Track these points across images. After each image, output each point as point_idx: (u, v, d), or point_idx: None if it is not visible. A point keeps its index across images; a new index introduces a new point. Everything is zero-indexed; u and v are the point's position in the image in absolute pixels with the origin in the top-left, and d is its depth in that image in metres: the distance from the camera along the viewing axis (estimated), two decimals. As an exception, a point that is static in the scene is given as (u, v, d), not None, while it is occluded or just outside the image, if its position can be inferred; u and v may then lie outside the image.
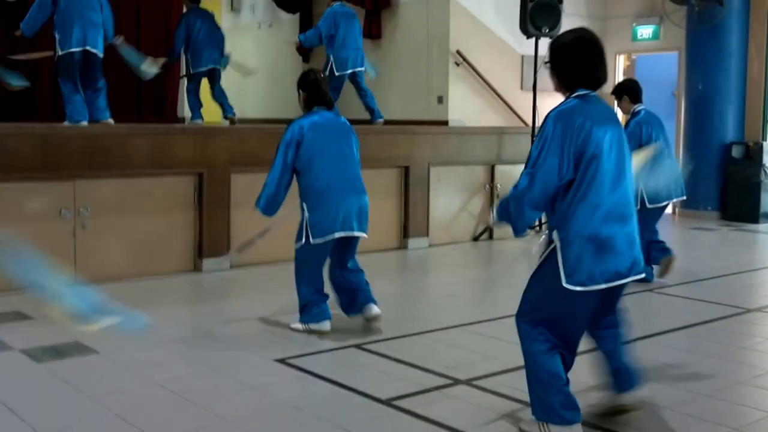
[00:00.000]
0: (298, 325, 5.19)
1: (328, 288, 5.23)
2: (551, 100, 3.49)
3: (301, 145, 4.99)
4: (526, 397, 3.59)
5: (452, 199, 8.99)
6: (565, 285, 3.29)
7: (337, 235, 4.98)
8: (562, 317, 3.42)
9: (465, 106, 10.40)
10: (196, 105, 9.60)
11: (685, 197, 6.81)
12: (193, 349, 4.87)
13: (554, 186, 3.30)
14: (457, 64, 10.33)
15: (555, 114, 3.34)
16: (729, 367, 4.63)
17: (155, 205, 6.94)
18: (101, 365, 4.53)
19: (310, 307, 5.14)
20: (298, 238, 5.10)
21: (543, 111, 8.41)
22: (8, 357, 4.65)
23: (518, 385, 4.10)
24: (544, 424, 3.44)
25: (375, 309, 5.14)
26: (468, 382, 4.26)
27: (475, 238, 9.07)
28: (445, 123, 10.16)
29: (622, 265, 3.35)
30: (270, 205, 5.10)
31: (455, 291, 6.72)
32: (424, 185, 8.71)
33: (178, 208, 7.08)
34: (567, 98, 3.42)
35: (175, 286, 6.68)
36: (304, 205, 5.03)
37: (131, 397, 4.02)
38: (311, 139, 4.99)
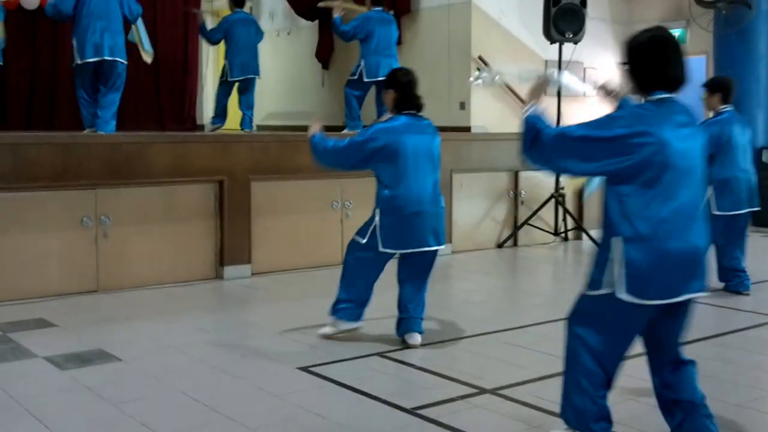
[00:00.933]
0: (327, 329, 5.13)
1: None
2: (576, 105, 3.41)
3: (382, 150, 4.76)
4: (553, 407, 3.51)
5: (475, 206, 8.92)
6: (618, 295, 3.10)
7: (412, 249, 4.85)
8: (611, 330, 3.22)
9: (487, 112, 10.31)
10: (221, 110, 9.61)
11: (758, 208, 6.57)
12: (216, 357, 4.84)
13: (572, 165, 3.25)
14: (479, 70, 10.26)
15: (628, 114, 3.18)
16: (762, 377, 4.55)
17: (176, 213, 6.94)
18: (124, 373, 4.52)
19: (344, 306, 5.06)
20: (362, 233, 4.91)
21: (567, 117, 8.35)
22: (32, 364, 4.65)
23: (544, 394, 4.03)
24: (574, 432, 3.34)
25: (415, 339, 5.02)
26: (494, 392, 4.20)
27: (500, 245, 9.00)
28: (468, 129, 10.09)
29: (684, 280, 3.12)
30: (324, 155, 4.88)
31: (479, 299, 6.65)
32: (447, 192, 8.62)
33: (199, 216, 7.07)
34: (645, 101, 3.24)
35: (197, 294, 6.67)
36: (377, 210, 4.86)
37: (154, 405, 4.00)
38: (394, 145, 4.77)
